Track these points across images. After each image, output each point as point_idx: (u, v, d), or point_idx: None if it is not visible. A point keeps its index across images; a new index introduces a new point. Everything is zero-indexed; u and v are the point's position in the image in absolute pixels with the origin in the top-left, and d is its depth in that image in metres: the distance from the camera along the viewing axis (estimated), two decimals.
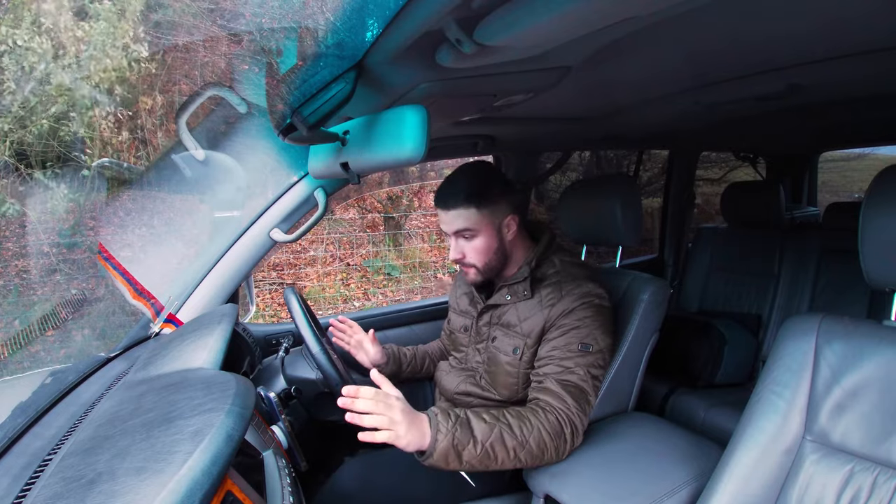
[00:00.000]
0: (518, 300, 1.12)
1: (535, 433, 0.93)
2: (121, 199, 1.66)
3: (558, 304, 1.06)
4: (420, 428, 0.85)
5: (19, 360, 1.18)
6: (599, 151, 3.89)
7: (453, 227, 1.09)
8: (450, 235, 1.12)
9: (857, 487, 0.75)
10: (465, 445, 0.86)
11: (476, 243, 1.10)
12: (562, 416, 0.97)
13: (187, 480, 0.47)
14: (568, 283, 1.09)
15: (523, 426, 0.92)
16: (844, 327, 0.82)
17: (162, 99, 3.74)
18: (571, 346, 1.02)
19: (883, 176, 0.81)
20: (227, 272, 1.27)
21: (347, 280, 4.59)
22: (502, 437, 0.89)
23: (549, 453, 0.94)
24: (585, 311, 1.05)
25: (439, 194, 1.10)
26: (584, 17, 0.57)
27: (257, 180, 1.32)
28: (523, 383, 1.10)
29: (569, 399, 0.98)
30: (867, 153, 4.51)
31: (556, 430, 0.95)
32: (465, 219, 1.07)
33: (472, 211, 1.07)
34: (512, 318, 1.12)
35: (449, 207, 1.08)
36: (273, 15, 0.72)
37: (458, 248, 1.12)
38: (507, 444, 0.90)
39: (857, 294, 1.73)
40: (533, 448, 0.92)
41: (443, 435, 0.85)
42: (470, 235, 1.09)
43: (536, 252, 1.14)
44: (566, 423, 0.96)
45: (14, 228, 3.38)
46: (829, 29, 0.76)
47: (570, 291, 1.07)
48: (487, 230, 1.09)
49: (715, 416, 1.60)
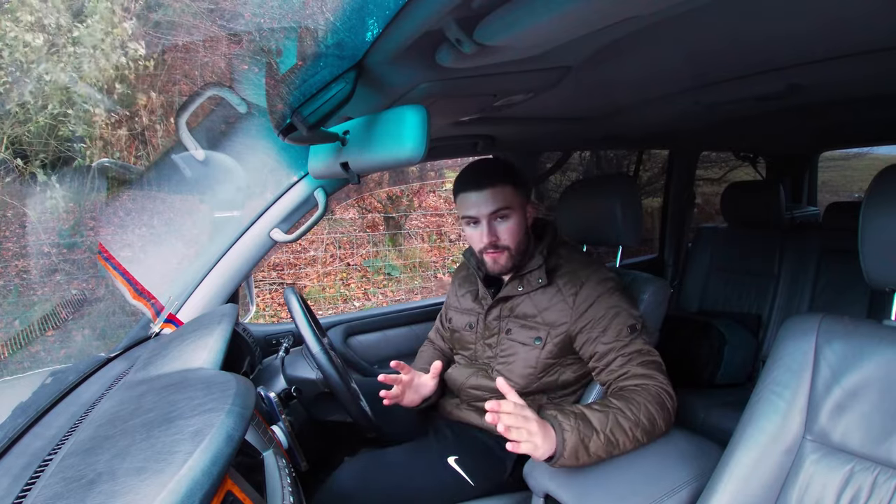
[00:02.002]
0: (532, 289, 1.12)
1: (644, 409, 0.95)
2: (121, 199, 1.66)
3: (581, 290, 1.08)
4: (549, 434, 0.87)
5: (19, 360, 1.18)
6: (599, 151, 3.88)
7: (490, 207, 1.07)
8: (479, 220, 1.09)
9: (857, 487, 0.75)
10: (590, 438, 0.88)
11: (511, 224, 1.09)
12: (661, 391, 0.99)
13: (187, 480, 0.47)
14: (583, 270, 1.11)
15: (631, 406, 0.95)
16: (844, 327, 0.82)
17: (161, 98, 3.74)
18: (622, 335, 1.04)
19: (883, 176, 0.81)
20: (227, 272, 1.27)
21: (347, 280, 4.59)
22: (618, 421, 0.92)
23: (658, 426, 0.97)
24: (612, 296, 1.07)
25: (468, 178, 1.09)
26: (584, 17, 0.57)
27: (257, 180, 1.32)
28: (541, 372, 1.11)
29: (659, 375, 1.01)
30: (867, 153, 4.51)
31: (660, 401, 0.97)
32: (503, 196, 1.06)
33: (508, 189, 1.07)
34: (528, 308, 1.12)
35: (484, 186, 1.06)
36: (273, 15, 0.72)
37: (491, 230, 1.09)
38: (623, 426, 0.92)
39: (857, 294, 1.73)
40: (646, 424, 0.94)
41: (569, 434, 0.87)
42: (505, 215, 1.08)
43: (546, 242, 1.15)
44: (666, 397, 0.99)
45: (14, 228, 3.38)
46: (829, 29, 0.76)
47: (588, 277, 1.09)
48: (520, 210, 1.10)
49: (715, 416, 1.60)
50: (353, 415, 1.10)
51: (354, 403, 1.09)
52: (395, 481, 1.08)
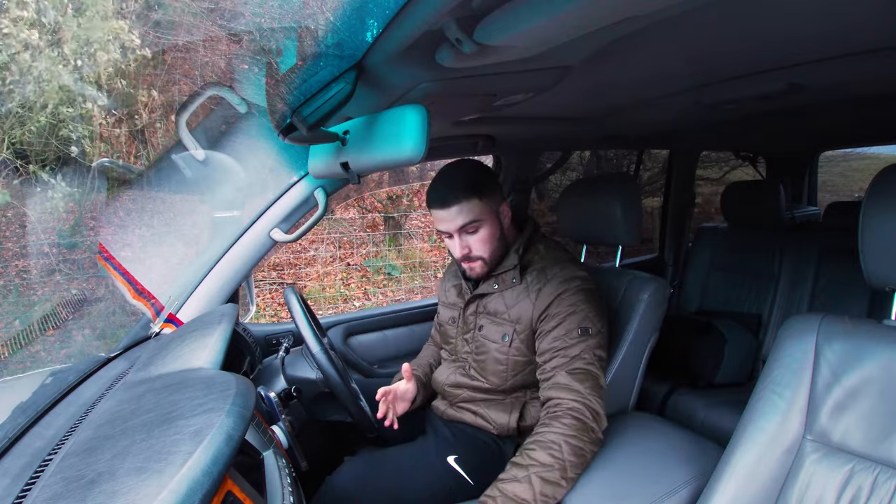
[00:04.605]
0: (505, 288, 1.13)
1: (565, 447, 0.92)
2: (121, 199, 1.66)
3: (545, 287, 1.08)
4: None
5: (19, 360, 1.18)
6: (599, 151, 3.89)
7: (457, 224, 1.07)
8: (452, 235, 1.09)
9: (857, 487, 0.75)
10: None
11: (481, 234, 1.09)
12: (577, 408, 0.96)
13: (188, 480, 0.47)
14: (552, 267, 1.11)
15: (552, 451, 0.92)
16: (844, 327, 0.82)
17: (161, 98, 3.74)
18: (572, 333, 1.03)
19: (883, 176, 0.81)
20: (227, 272, 1.27)
21: (347, 280, 4.59)
22: (543, 479, 0.90)
23: (587, 450, 0.95)
24: (575, 295, 1.06)
25: (434, 195, 1.08)
26: (584, 17, 0.57)
27: (257, 180, 1.32)
28: (512, 370, 1.11)
29: (580, 386, 0.98)
30: (867, 153, 4.51)
31: (579, 426, 0.95)
32: (468, 211, 1.06)
33: (474, 202, 1.06)
34: (499, 305, 1.13)
35: (449, 204, 1.06)
36: (273, 15, 0.72)
37: (463, 244, 1.09)
38: (551, 479, 0.90)
39: (857, 294, 1.73)
40: (574, 459, 0.92)
41: None
42: (474, 228, 1.08)
43: (521, 240, 1.15)
44: (585, 413, 0.96)
45: (14, 228, 3.38)
46: (829, 29, 0.76)
47: (554, 275, 1.09)
48: (490, 218, 1.09)
49: (715, 416, 1.60)
50: (353, 415, 1.10)
51: (354, 403, 1.10)
52: (395, 481, 1.08)
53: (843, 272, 1.79)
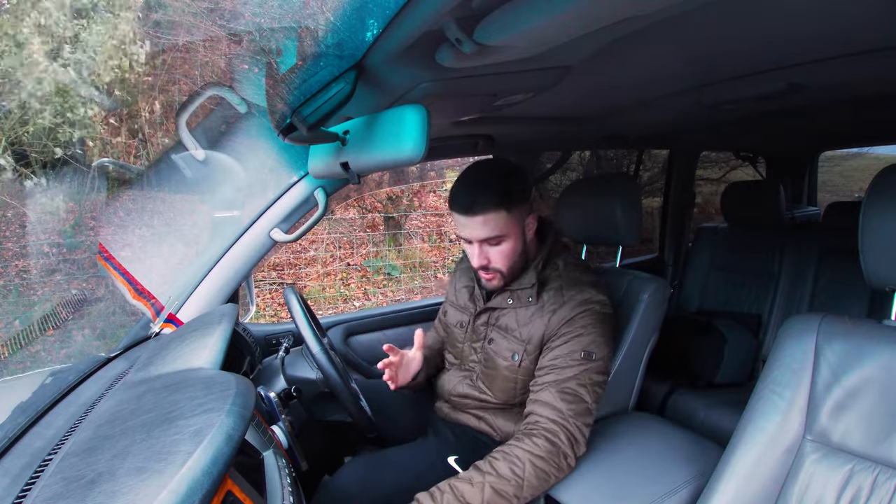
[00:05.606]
0: (520, 305, 1.09)
1: (528, 466, 0.90)
2: (121, 199, 1.66)
3: (560, 309, 1.03)
4: None
5: (19, 360, 1.18)
6: (599, 151, 3.89)
7: (479, 235, 1.00)
8: (472, 242, 1.03)
9: (857, 487, 0.75)
10: None
11: (503, 248, 1.02)
12: (553, 430, 0.94)
13: (188, 480, 0.47)
14: (570, 289, 1.05)
15: (514, 466, 0.90)
16: (844, 327, 0.82)
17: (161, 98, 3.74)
18: (574, 355, 1.00)
19: (883, 176, 0.81)
20: (227, 272, 1.27)
21: (347, 280, 4.59)
22: (496, 490, 0.87)
23: (552, 475, 0.92)
24: (587, 318, 1.02)
25: (460, 197, 0.99)
26: (584, 17, 0.57)
27: (257, 180, 1.32)
28: (521, 389, 1.09)
29: (563, 406, 0.95)
30: (867, 153, 4.51)
31: (549, 449, 0.92)
32: (493, 225, 0.98)
33: (501, 214, 0.98)
34: (510, 321, 1.10)
35: (474, 213, 0.97)
36: (273, 15, 0.72)
37: (482, 254, 1.03)
38: (504, 493, 0.87)
39: (857, 294, 1.73)
40: (533, 482, 0.90)
41: None
42: (497, 241, 1.01)
43: (542, 254, 1.10)
44: (559, 437, 0.93)
45: (14, 228, 3.38)
46: (829, 29, 0.76)
47: (571, 297, 1.04)
48: (515, 233, 1.02)
49: (715, 416, 1.60)
50: (353, 415, 1.10)
51: (354, 403, 1.09)
52: (395, 481, 1.07)
53: (843, 272, 1.80)
